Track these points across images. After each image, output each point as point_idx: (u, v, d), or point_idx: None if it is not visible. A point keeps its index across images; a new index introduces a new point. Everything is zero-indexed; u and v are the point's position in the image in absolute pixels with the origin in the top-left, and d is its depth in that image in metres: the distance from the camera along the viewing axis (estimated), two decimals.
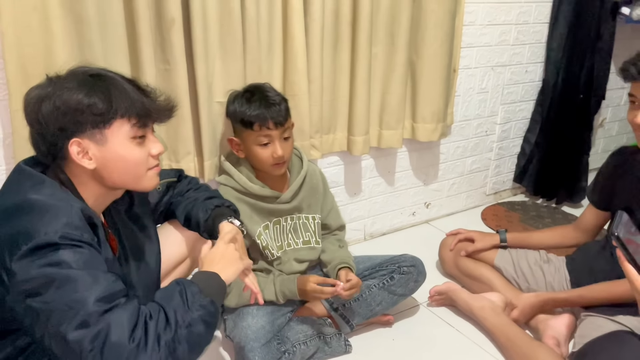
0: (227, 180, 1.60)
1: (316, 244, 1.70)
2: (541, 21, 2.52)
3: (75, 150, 0.99)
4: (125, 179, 1.07)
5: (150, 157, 1.08)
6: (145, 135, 1.06)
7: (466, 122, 2.47)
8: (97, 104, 0.98)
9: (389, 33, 1.98)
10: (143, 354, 0.88)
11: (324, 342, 1.59)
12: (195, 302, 0.98)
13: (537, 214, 2.63)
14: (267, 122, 1.50)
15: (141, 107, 1.03)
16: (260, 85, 1.59)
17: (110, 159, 1.02)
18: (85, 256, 0.92)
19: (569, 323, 1.66)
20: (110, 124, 1.00)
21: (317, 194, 1.72)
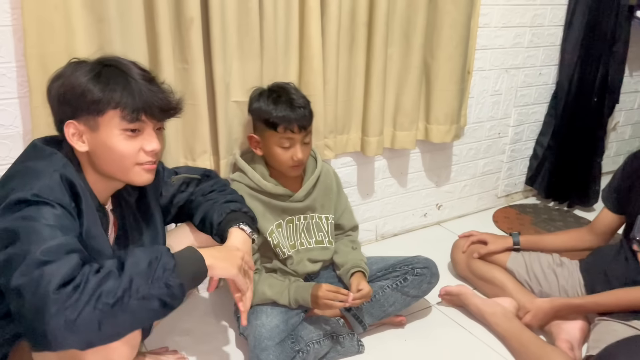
0: (241, 177, 1.60)
1: (329, 244, 1.70)
2: (556, 24, 2.51)
3: (70, 132, 1.05)
4: (112, 169, 1.09)
5: (142, 153, 1.08)
6: (140, 129, 1.07)
7: (479, 124, 2.47)
8: (94, 91, 1.01)
9: (405, 34, 1.98)
10: (71, 308, 0.85)
11: (337, 342, 1.60)
12: (162, 278, 0.94)
13: (548, 217, 2.62)
14: (292, 125, 1.50)
15: (137, 101, 1.03)
16: (286, 85, 1.60)
17: (99, 146, 1.05)
18: (51, 213, 0.95)
19: (582, 327, 1.65)
20: (103, 113, 1.03)
21: (331, 193, 1.72)
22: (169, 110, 1.10)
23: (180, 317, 1.75)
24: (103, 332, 0.88)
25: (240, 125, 1.72)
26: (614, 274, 1.65)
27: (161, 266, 0.95)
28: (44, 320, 0.84)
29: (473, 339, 1.72)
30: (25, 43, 1.33)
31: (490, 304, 1.76)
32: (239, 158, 1.64)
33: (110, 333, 0.90)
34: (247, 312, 1.25)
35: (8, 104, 1.41)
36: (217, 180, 1.43)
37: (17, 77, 1.40)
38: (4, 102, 1.40)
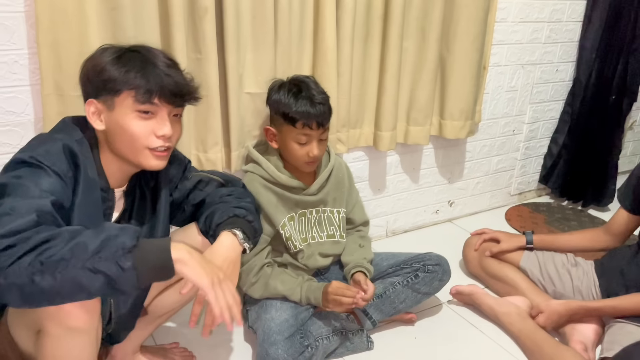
0: (255, 169, 1.58)
1: (340, 238, 1.69)
2: (574, 19, 2.47)
3: (90, 110, 1.08)
4: (123, 150, 1.10)
5: (154, 136, 1.09)
6: (153, 113, 1.08)
7: (494, 121, 2.43)
8: (112, 71, 1.05)
9: (420, 27, 1.95)
10: (6, 257, 0.84)
11: (346, 338, 1.58)
12: (113, 257, 0.88)
13: (562, 216, 2.58)
14: (311, 122, 1.48)
15: (150, 83, 1.05)
16: (306, 79, 1.56)
17: (113, 125, 1.08)
18: (43, 176, 0.97)
19: (596, 328, 1.63)
20: (119, 93, 1.05)
21: (343, 187, 1.70)
22: (183, 95, 1.11)
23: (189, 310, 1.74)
24: (38, 287, 0.85)
25: (253, 117, 1.70)
26: (630, 275, 1.62)
27: (117, 244, 0.90)
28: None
29: (484, 337, 1.70)
30: (37, 30, 1.32)
31: (503, 304, 1.74)
32: (252, 149, 1.62)
33: (47, 291, 0.86)
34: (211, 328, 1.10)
35: (20, 92, 1.40)
36: (239, 189, 1.35)
37: (29, 64, 1.39)
38: (15, 90, 1.40)
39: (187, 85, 1.12)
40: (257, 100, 1.67)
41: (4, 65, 1.36)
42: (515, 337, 1.67)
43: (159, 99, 1.07)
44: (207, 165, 1.66)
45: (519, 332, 1.65)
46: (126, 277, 0.89)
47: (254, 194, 1.51)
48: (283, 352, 1.39)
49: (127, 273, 0.89)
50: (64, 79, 1.37)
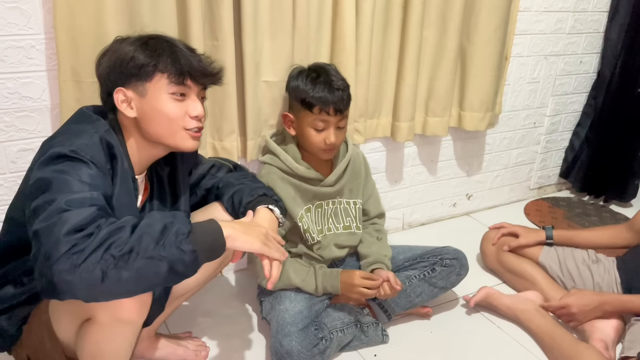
0: (273, 160, 1.57)
1: (357, 230, 1.66)
2: (600, 10, 2.40)
3: (119, 99, 1.09)
4: (160, 133, 1.12)
5: (188, 117, 1.11)
6: (185, 94, 1.11)
7: (514, 113, 2.38)
8: (141, 57, 1.07)
9: (441, 16, 1.91)
10: (78, 253, 0.86)
11: (361, 331, 1.57)
12: (175, 242, 0.92)
13: (582, 212, 2.53)
14: (329, 107, 1.46)
15: (182, 65, 1.08)
16: (326, 66, 1.55)
17: (148, 110, 1.09)
18: (85, 170, 0.99)
19: (617, 326, 1.59)
20: (151, 78, 1.08)
21: (359, 178, 1.68)
22: (212, 75, 1.15)
23: (203, 299, 1.74)
24: (106, 284, 0.87)
25: (270, 107, 1.68)
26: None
27: (175, 230, 0.93)
28: (51, 263, 0.85)
29: (501, 333, 1.67)
30: (54, 14, 1.31)
31: (520, 301, 1.70)
32: (270, 140, 1.60)
33: (114, 287, 0.89)
34: (273, 284, 1.15)
35: (36, 77, 1.40)
36: (249, 172, 1.43)
37: (46, 49, 1.38)
38: (32, 75, 1.39)
39: (213, 66, 1.16)
40: (274, 89, 1.65)
41: (21, 50, 1.36)
42: (533, 333, 1.64)
43: (191, 79, 1.10)
44: (223, 153, 1.64)
45: (537, 329, 1.62)
46: (187, 260, 0.93)
47: (272, 186, 1.51)
48: (297, 344, 1.38)
49: (189, 256, 0.93)
50: (81, 65, 1.36)
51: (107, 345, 1.05)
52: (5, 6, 1.31)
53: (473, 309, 1.76)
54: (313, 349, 1.40)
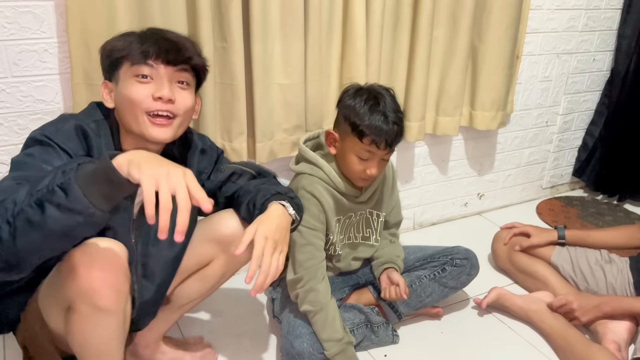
0: (314, 171, 1.46)
1: (375, 242, 1.63)
2: (613, 7, 2.38)
3: (103, 91, 1.11)
4: (127, 119, 1.09)
5: (151, 99, 1.06)
6: (151, 76, 1.07)
7: (526, 112, 2.36)
8: (116, 45, 1.08)
9: (451, 15, 1.90)
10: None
11: (371, 331, 1.57)
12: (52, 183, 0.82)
13: (596, 211, 2.50)
14: (381, 141, 1.35)
15: (144, 45, 1.06)
16: (385, 93, 1.41)
17: (119, 98, 1.09)
18: (52, 154, 1.01)
19: (630, 327, 1.57)
20: (121, 65, 1.08)
21: (387, 190, 1.63)
22: (180, 54, 1.08)
23: (214, 298, 1.75)
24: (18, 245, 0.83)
25: (283, 110, 1.67)
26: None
27: (59, 172, 0.85)
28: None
29: (512, 333, 1.66)
30: (67, 18, 1.33)
31: (533, 302, 1.69)
32: (306, 149, 1.49)
33: (26, 247, 0.84)
34: (260, 289, 1.08)
35: (49, 80, 1.42)
36: (272, 179, 1.32)
37: (59, 52, 1.40)
38: (45, 78, 1.41)
39: (184, 45, 1.10)
40: (287, 92, 1.65)
41: (34, 54, 1.38)
42: (545, 334, 1.63)
43: (155, 59, 1.06)
44: (232, 154, 1.65)
45: (549, 330, 1.61)
46: (71, 195, 0.82)
47: (317, 196, 1.43)
48: (308, 346, 1.38)
49: (71, 190, 0.82)
50: (93, 68, 1.37)
51: (91, 335, 1.03)
52: (19, 10, 1.33)
53: (484, 309, 1.75)
54: (324, 351, 1.40)
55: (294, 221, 1.22)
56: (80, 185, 0.82)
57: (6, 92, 1.38)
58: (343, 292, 1.62)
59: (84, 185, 0.83)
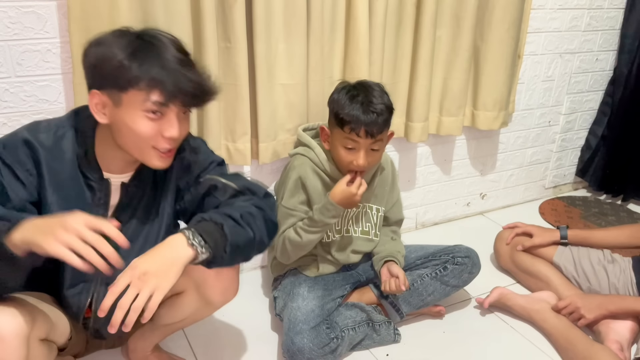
0: (306, 152, 1.54)
1: (374, 237, 1.65)
2: (616, 6, 2.37)
3: (93, 101, 1.02)
4: (129, 147, 1.06)
5: (160, 137, 1.03)
6: (162, 113, 1.01)
7: (528, 111, 2.36)
8: (124, 66, 0.97)
9: (454, 15, 1.90)
10: None
11: (373, 330, 1.57)
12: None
13: (599, 211, 2.50)
14: (359, 128, 1.39)
15: (165, 85, 0.97)
16: (373, 85, 1.47)
17: (118, 122, 1.02)
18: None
19: (632, 327, 1.57)
20: (128, 90, 0.98)
21: (386, 185, 1.66)
22: (198, 97, 1.03)
23: None
24: None
25: (286, 110, 1.68)
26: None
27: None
28: None
29: (514, 333, 1.66)
30: (69, 19, 1.34)
31: (535, 301, 1.69)
32: (302, 133, 1.58)
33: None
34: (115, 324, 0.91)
35: (52, 80, 1.43)
36: (256, 198, 1.16)
37: (62, 52, 1.41)
38: (48, 78, 1.42)
39: (206, 86, 1.03)
40: (291, 92, 1.66)
41: (37, 54, 1.38)
42: (548, 334, 1.63)
43: (174, 102, 1.00)
44: (236, 155, 1.65)
45: (552, 329, 1.61)
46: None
47: (303, 178, 1.50)
48: (309, 342, 1.39)
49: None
50: None
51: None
52: (22, 11, 1.34)
53: (486, 309, 1.75)
54: (324, 347, 1.40)
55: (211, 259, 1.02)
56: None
57: (10, 91, 1.39)
58: (344, 289, 1.62)
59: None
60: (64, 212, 0.93)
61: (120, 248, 0.89)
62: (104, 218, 1.06)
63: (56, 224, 0.86)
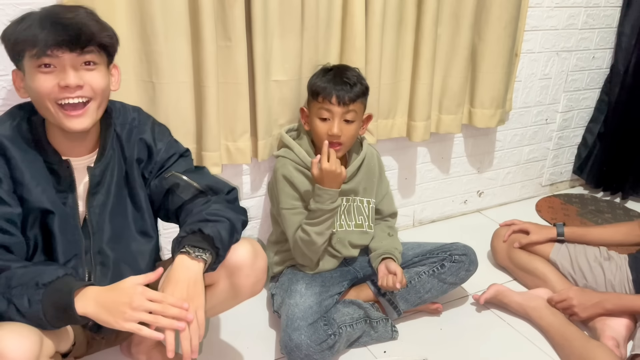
0: (287, 153, 1.60)
1: (369, 229, 1.68)
2: (613, 4, 2.38)
3: (15, 81, 1.08)
4: (43, 112, 1.08)
5: (58, 88, 1.03)
6: (55, 65, 1.02)
7: (525, 109, 2.37)
8: (15, 34, 1.02)
9: (453, 14, 1.90)
10: None
11: (370, 327, 1.58)
12: (26, 290, 0.95)
13: (596, 208, 2.51)
14: (331, 96, 1.49)
15: (43, 34, 1.00)
16: (347, 66, 1.61)
17: (28, 89, 1.06)
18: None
19: (628, 324, 1.58)
20: (24, 55, 1.03)
21: (374, 177, 1.69)
22: (78, 40, 1.02)
23: None
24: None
25: (279, 105, 1.69)
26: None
27: (36, 279, 0.96)
28: None
29: (511, 330, 1.67)
30: None
31: (531, 298, 1.70)
32: (284, 134, 1.64)
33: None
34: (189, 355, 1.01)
35: None
36: (226, 196, 1.24)
37: None
38: None
39: (84, 26, 1.03)
40: (284, 88, 1.66)
41: None
42: (544, 331, 1.64)
43: (55, 49, 1.00)
44: (237, 154, 1.66)
45: (548, 326, 1.62)
46: (32, 310, 0.94)
47: (288, 177, 1.54)
48: (306, 338, 1.40)
49: (34, 307, 0.94)
50: None
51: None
52: (20, 8, 1.33)
53: (483, 306, 1.76)
54: (322, 344, 1.41)
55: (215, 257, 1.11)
56: (44, 305, 0.94)
57: (7, 89, 1.39)
58: (342, 286, 1.63)
59: (47, 310, 0.94)
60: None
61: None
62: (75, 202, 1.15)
63: (122, 304, 0.96)
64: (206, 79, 1.51)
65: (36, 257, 1.14)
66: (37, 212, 1.11)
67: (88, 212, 1.18)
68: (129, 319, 0.96)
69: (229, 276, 1.23)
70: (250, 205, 1.86)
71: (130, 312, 0.96)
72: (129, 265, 1.23)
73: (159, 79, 1.48)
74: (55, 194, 1.13)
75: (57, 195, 1.13)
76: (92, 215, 1.18)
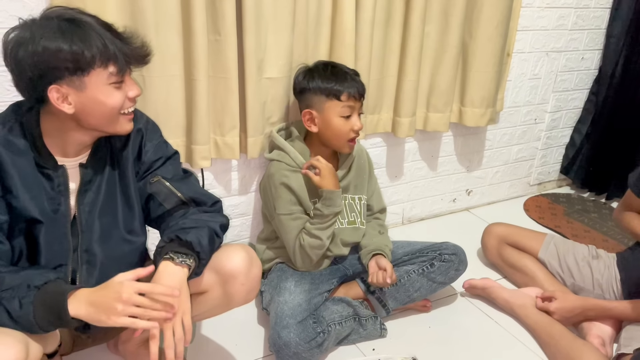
0: (281, 156, 1.58)
1: (361, 225, 1.68)
2: (602, 6, 2.40)
3: (54, 96, 1.03)
4: (100, 123, 1.09)
5: (127, 100, 1.10)
6: (123, 80, 1.08)
7: (515, 109, 2.38)
8: (76, 51, 0.99)
9: (443, 11, 1.90)
10: None
11: (359, 324, 1.58)
12: (17, 293, 0.95)
13: (582, 208, 2.53)
14: (355, 92, 1.52)
15: (119, 54, 1.04)
16: (331, 61, 1.62)
17: (88, 103, 1.05)
18: None
19: (614, 323, 1.60)
20: (89, 72, 1.02)
21: (364, 174, 1.70)
22: (145, 57, 1.11)
23: None
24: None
25: (273, 103, 1.68)
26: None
27: (28, 282, 0.97)
28: None
29: (499, 328, 1.68)
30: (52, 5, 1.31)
31: (519, 296, 1.71)
32: (276, 135, 1.61)
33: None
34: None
35: None
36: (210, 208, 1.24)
37: None
38: None
39: (145, 47, 1.11)
40: (277, 86, 1.65)
41: None
42: (531, 329, 1.65)
43: (129, 66, 1.08)
44: (225, 149, 1.64)
45: (534, 325, 1.63)
46: (23, 312, 0.94)
47: (286, 183, 1.53)
48: (295, 336, 1.39)
49: (25, 309, 0.94)
50: None
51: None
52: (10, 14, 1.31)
53: (472, 304, 1.77)
54: (311, 342, 1.41)
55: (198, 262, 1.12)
56: (35, 307, 0.94)
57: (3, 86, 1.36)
58: (331, 283, 1.62)
59: (38, 312, 0.94)
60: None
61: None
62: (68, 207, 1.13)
63: (112, 300, 0.97)
64: (197, 72, 1.50)
65: (20, 264, 1.13)
66: (23, 221, 1.09)
67: (78, 210, 1.16)
68: (121, 314, 0.96)
69: (223, 284, 1.21)
70: (240, 202, 1.84)
71: (122, 307, 0.96)
72: (117, 264, 1.20)
73: (149, 72, 1.46)
74: (46, 201, 1.11)
75: (48, 201, 1.11)
76: (82, 214, 1.16)
